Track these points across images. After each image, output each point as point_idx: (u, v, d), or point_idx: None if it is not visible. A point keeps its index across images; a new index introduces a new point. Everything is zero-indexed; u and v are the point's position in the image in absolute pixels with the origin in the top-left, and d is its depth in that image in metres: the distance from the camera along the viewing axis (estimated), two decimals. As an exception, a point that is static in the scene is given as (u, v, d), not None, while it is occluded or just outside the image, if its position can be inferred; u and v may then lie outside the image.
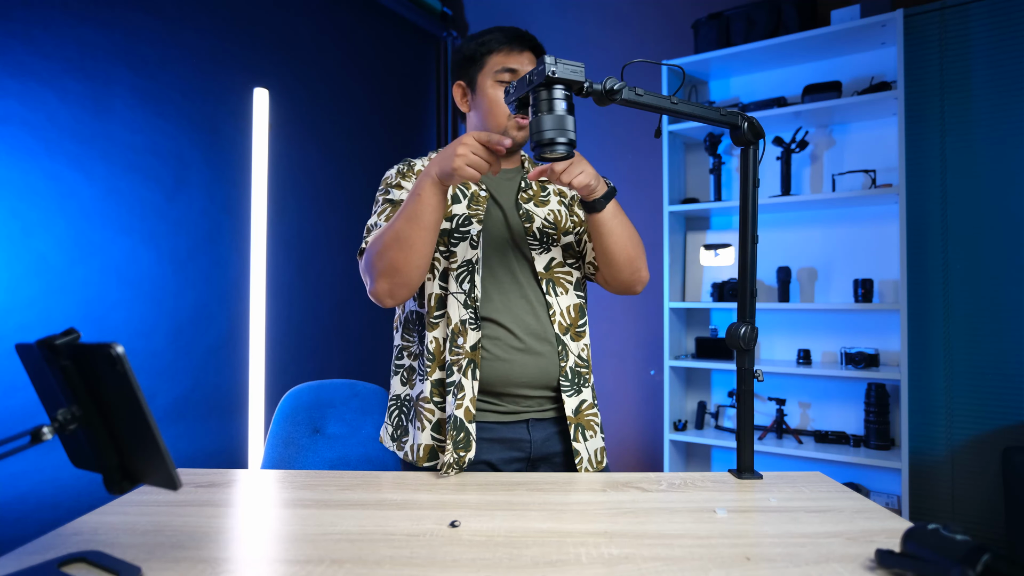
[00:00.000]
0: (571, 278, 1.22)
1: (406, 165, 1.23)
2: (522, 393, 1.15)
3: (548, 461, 1.19)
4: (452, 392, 1.09)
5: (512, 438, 1.16)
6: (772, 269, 2.56)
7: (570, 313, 1.20)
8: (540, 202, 1.25)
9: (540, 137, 0.93)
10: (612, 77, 0.96)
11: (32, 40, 1.72)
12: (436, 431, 1.13)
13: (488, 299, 1.15)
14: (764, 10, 2.48)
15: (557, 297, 1.19)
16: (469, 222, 1.16)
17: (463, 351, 1.10)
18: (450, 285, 1.14)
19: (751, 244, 1.06)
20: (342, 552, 0.72)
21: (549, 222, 1.22)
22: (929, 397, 2.34)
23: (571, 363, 1.18)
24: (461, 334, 1.11)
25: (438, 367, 1.13)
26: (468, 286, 1.13)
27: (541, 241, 1.20)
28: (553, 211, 1.24)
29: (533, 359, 1.14)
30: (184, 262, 2.08)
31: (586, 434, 1.18)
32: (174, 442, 2.02)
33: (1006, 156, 2.24)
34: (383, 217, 1.16)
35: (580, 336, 1.21)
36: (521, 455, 1.16)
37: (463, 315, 1.12)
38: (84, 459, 0.70)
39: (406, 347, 1.22)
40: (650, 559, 0.71)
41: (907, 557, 0.65)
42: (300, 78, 2.55)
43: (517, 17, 3.31)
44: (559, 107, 0.92)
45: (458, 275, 1.13)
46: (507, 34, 1.22)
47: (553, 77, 0.91)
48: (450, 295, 1.13)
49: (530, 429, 1.17)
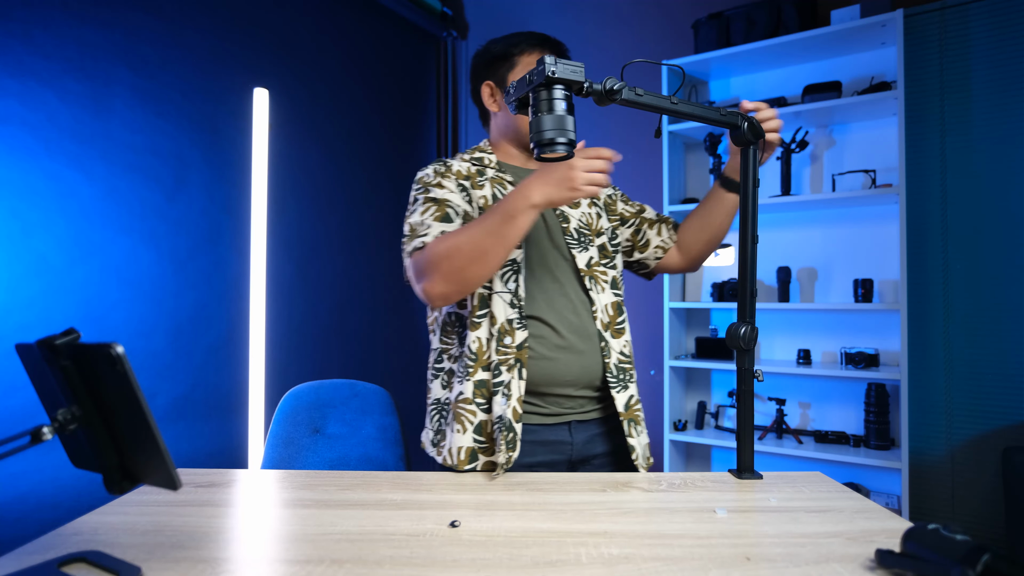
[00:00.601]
0: (607, 277, 1.24)
1: (443, 165, 1.22)
2: (566, 393, 1.16)
3: (588, 463, 1.20)
4: (501, 392, 1.09)
5: (554, 440, 1.16)
6: (772, 269, 2.56)
7: (609, 311, 1.21)
8: (573, 205, 1.27)
9: (540, 137, 0.93)
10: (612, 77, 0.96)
11: (32, 40, 1.72)
12: (478, 433, 1.11)
13: (531, 298, 1.16)
14: (764, 10, 2.48)
15: (598, 295, 1.21)
16: None
17: (511, 351, 1.11)
18: (495, 284, 1.14)
19: (751, 244, 1.06)
20: (342, 552, 0.72)
21: (583, 223, 1.25)
22: (929, 397, 2.34)
23: (614, 360, 1.19)
24: (508, 333, 1.11)
25: (481, 367, 1.12)
26: (514, 285, 1.14)
27: (579, 240, 1.23)
28: (585, 213, 1.27)
29: (576, 357, 1.15)
30: (184, 262, 2.07)
31: (637, 429, 1.19)
32: (174, 442, 2.02)
33: (1006, 156, 2.24)
34: (429, 216, 1.13)
35: (620, 333, 1.22)
36: (562, 458, 1.16)
37: (509, 314, 1.12)
38: (84, 459, 0.70)
39: (446, 349, 1.20)
40: (650, 559, 0.71)
41: (907, 557, 0.65)
42: (300, 78, 2.55)
43: (517, 17, 3.31)
44: (559, 107, 0.92)
45: (503, 274, 1.14)
46: (538, 37, 1.25)
47: (553, 77, 0.91)
48: (495, 294, 1.14)
49: (572, 431, 1.17)
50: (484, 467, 1.11)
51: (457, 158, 1.27)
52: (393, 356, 3.06)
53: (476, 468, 1.11)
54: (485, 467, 1.11)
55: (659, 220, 1.36)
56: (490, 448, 1.11)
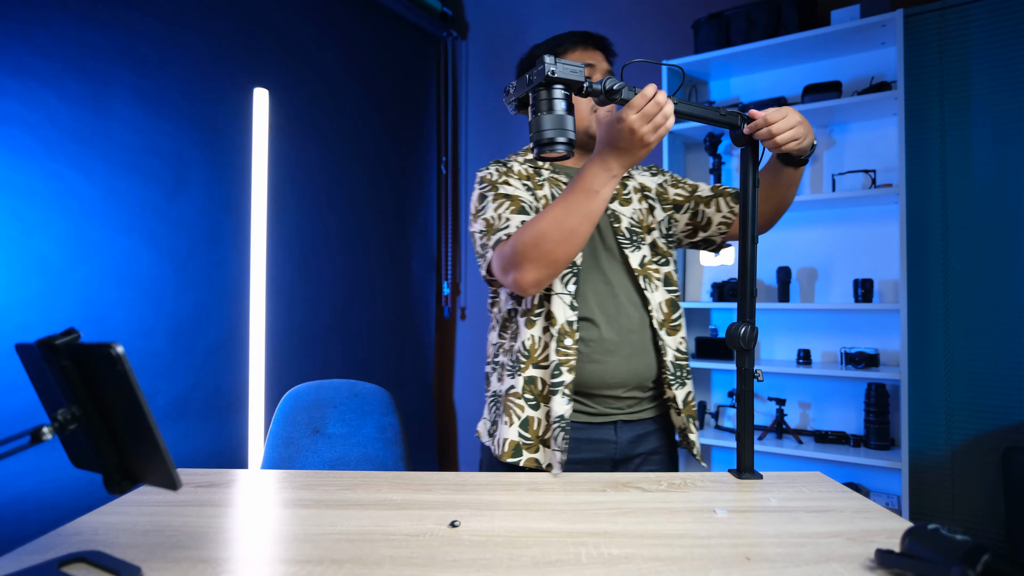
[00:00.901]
0: (660, 274, 1.24)
1: (503, 166, 1.24)
2: (613, 394, 1.17)
3: (630, 461, 1.21)
4: (561, 392, 1.11)
5: (598, 439, 1.17)
6: (772, 269, 2.56)
7: (663, 308, 1.22)
8: (624, 201, 1.27)
9: (540, 137, 0.93)
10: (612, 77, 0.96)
11: (32, 40, 1.72)
12: (523, 428, 1.14)
13: (584, 300, 1.17)
14: (764, 10, 2.48)
15: (652, 293, 1.21)
16: None
17: (571, 352, 1.13)
18: (555, 286, 1.15)
19: (751, 244, 1.06)
20: (342, 552, 0.72)
21: (635, 220, 1.25)
22: (929, 397, 2.34)
23: (671, 357, 1.20)
24: (568, 335, 1.13)
25: (532, 364, 1.15)
26: (573, 288, 1.16)
27: (631, 239, 1.23)
28: (637, 210, 1.27)
29: (624, 361, 1.16)
30: (184, 262, 2.07)
31: (695, 424, 1.22)
32: (174, 442, 2.02)
33: (1006, 156, 2.24)
34: (504, 210, 1.14)
35: (676, 330, 1.23)
36: (604, 456, 1.18)
37: (569, 316, 1.14)
38: (84, 459, 0.70)
39: (501, 344, 1.25)
40: (650, 559, 0.71)
41: (907, 557, 0.65)
42: (300, 78, 2.55)
43: (517, 17, 3.31)
44: (559, 107, 0.93)
45: (563, 276, 1.16)
46: (581, 34, 1.26)
47: (553, 77, 0.91)
48: (555, 295, 1.15)
49: (617, 430, 1.18)
50: (527, 463, 1.14)
51: (513, 160, 1.29)
52: (393, 356, 3.06)
53: (519, 464, 1.13)
54: (528, 464, 1.14)
55: (715, 194, 1.31)
56: (534, 446, 1.14)
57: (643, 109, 0.94)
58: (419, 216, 3.26)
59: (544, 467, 1.14)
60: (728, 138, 2.66)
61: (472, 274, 3.43)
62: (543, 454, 1.13)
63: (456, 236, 3.45)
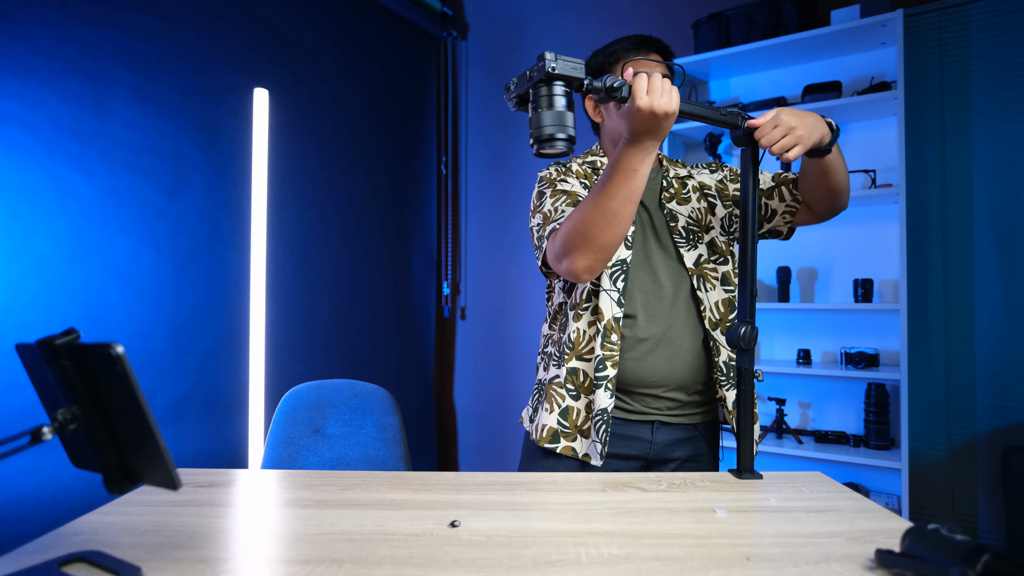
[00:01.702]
0: (717, 274, 1.24)
1: (562, 166, 1.27)
2: (652, 393, 1.18)
3: (665, 465, 1.21)
4: (605, 385, 1.13)
5: (633, 436, 1.18)
6: (772, 269, 2.56)
7: (719, 308, 1.22)
8: (682, 200, 1.27)
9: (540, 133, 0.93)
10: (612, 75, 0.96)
11: (32, 40, 1.72)
12: (563, 416, 1.18)
13: (631, 298, 1.18)
14: (764, 10, 2.48)
15: (707, 293, 1.21)
16: None
17: (616, 347, 1.14)
18: (603, 282, 1.17)
19: (751, 244, 1.06)
20: (342, 552, 0.72)
21: (693, 220, 1.25)
22: (929, 397, 2.34)
23: (723, 357, 1.19)
24: (615, 331, 1.15)
25: (576, 356, 1.18)
26: (622, 285, 1.17)
27: (687, 239, 1.23)
28: (695, 209, 1.26)
29: (665, 360, 1.17)
30: (184, 262, 2.07)
31: None
32: (174, 442, 2.02)
33: (1006, 156, 2.24)
34: (561, 203, 1.17)
35: None
36: (638, 454, 1.19)
37: (616, 312, 1.15)
38: (84, 459, 0.70)
39: (551, 336, 1.27)
40: (650, 559, 0.71)
41: (907, 557, 0.65)
42: (300, 78, 2.55)
43: (517, 17, 3.31)
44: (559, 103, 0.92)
45: (612, 273, 1.17)
46: (633, 41, 1.26)
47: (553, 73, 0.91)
48: (603, 291, 1.17)
49: (654, 431, 1.19)
50: (563, 451, 1.17)
51: (571, 160, 1.31)
52: (393, 356, 3.06)
53: (556, 450, 1.17)
54: (564, 451, 1.17)
55: (776, 184, 1.28)
56: (572, 434, 1.17)
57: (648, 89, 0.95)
58: (419, 216, 3.26)
59: (580, 457, 1.16)
60: (728, 138, 2.66)
61: (472, 274, 3.43)
62: (580, 443, 1.16)
63: (456, 236, 3.45)
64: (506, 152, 3.33)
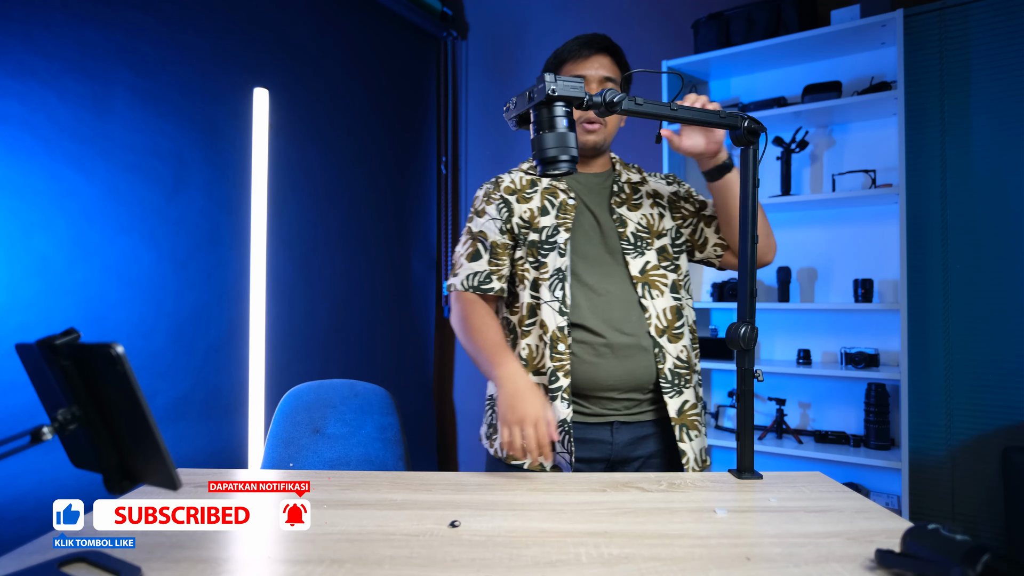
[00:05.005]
0: (666, 280, 1.23)
1: (493, 184, 1.28)
2: (608, 396, 1.17)
3: (629, 464, 1.20)
4: (560, 396, 1.13)
5: (594, 439, 1.18)
6: (772, 269, 2.56)
7: (666, 315, 1.21)
8: (633, 206, 1.27)
9: (543, 155, 0.94)
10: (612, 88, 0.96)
11: (32, 40, 1.72)
12: None
13: (576, 305, 1.18)
14: (764, 10, 2.48)
15: (653, 300, 1.20)
16: (557, 231, 1.20)
17: (565, 356, 1.14)
18: (542, 294, 1.17)
19: (751, 244, 1.06)
20: (342, 552, 0.72)
21: (642, 226, 1.25)
22: (929, 397, 2.34)
23: (669, 365, 1.19)
24: (561, 340, 1.15)
25: (531, 372, 1.18)
26: (561, 293, 1.17)
27: (635, 245, 1.22)
28: (646, 215, 1.26)
29: (620, 362, 1.16)
30: (184, 262, 2.07)
31: (691, 434, 1.20)
32: (174, 442, 2.02)
33: (1006, 156, 2.24)
34: (465, 250, 1.25)
35: (678, 338, 1.21)
36: (601, 455, 1.18)
37: (559, 322, 1.16)
38: (84, 459, 0.70)
39: None
40: (650, 559, 0.71)
41: (907, 557, 0.65)
42: (300, 78, 2.55)
43: (517, 17, 3.31)
44: (560, 124, 0.93)
45: (550, 284, 1.17)
46: (578, 41, 1.25)
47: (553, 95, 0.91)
48: (544, 304, 1.17)
49: (613, 431, 1.18)
50: (531, 466, 1.16)
51: (517, 169, 1.32)
52: (393, 356, 3.06)
53: (524, 467, 1.16)
54: (532, 467, 1.16)
55: (715, 216, 1.30)
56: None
57: (533, 442, 1.02)
58: (419, 216, 3.26)
59: (549, 470, 1.15)
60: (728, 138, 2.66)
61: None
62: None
63: (456, 236, 3.45)
64: (506, 152, 3.33)
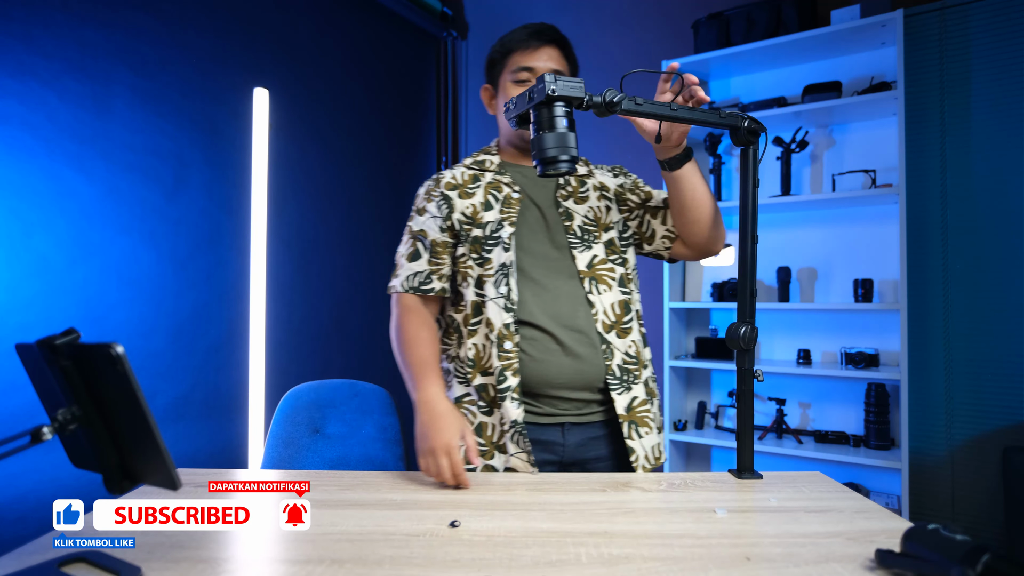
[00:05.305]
0: (614, 274, 1.20)
1: (435, 181, 1.25)
2: (559, 395, 1.14)
3: (581, 465, 1.17)
4: (509, 397, 1.10)
5: (544, 440, 1.14)
6: (772, 269, 2.56)
7: (614, 310, 1.18)
8: (579, 199, 1.23)
9: (543, 155, 0.94)
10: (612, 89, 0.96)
11: (32, 40, 1.72)
12: (477, 433, 1.14)
13: (524, 301, 1.14)
14: (764, 10, 2.48)
15: (600, 295, 1.17)
16: (501, 226, 1.17)
17: (512, 354, 1.11)
18: (487, 291, 1.14)
19: (751, 244, 1.06)
20: (342, 552, 0.72)
21: (589, 219, 1.21)
22: (929, 397, 2.34)
23: (618, 361, 1.16)
24: (508, 338, 1.11)
25: (480, 372, 1.14)
26: (506, 289, 1.13)
27: (582, 239, 1.19)
28: (593, 208, 1.23)
29: (571, 361, 1.13)
30: (184, 262, 2.07)
31: (640, 431, 1.16)
32: (174, 442, 2.02)
33: (1006, 156, 2.24)
34: (405, 250, 1.22)
35: (626, 332, 1.18)
36: (553, 457, 1.15)
37: (505, 319, 1.12)
38: (84, 459, 0.70)
39: (445, 349, 1.23)
40: (650, 559, 0.71)
41: (907, 557, 0.65)
42: (300, 78, 2.55)
43: (517, 17, 3.31)
44: (560, 124, 0.93)
45: (495, 280, 1.14)
46: (527, 31, 1.23)
47: (553, 95, 0.91)
48: (489, 301, 1.13)
49: (564, 433, 1.15)
50: (484, 470, 1.13)
51: (459, 164, 1.29)
52: (393, 356, 3.06)
53: (477, 470, 1.12)
54: (485, 469, 1.13)
55: (664, 206, 1.27)
56: (490, 452, 1.12)
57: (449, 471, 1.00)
58: (419, 216, 3.26)
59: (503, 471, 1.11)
60: (728, 138, 2.66)
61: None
62: (498, 459, 1.12)
63: (456, 236, 3.44)
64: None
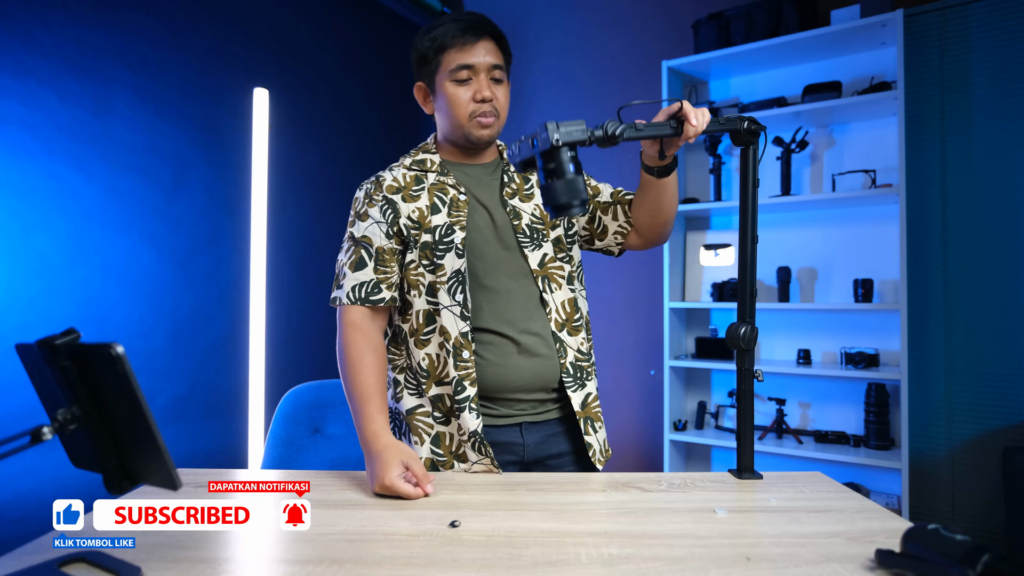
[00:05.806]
0: (563, 272, 1.19)
1: (375, 183, 1.18)
2: (516, 397, 1.14)
3: (542, 464, 1.17)
4: (468, 407, 1.08)
5: (504, 441, 1.14)
6: (772, 269, 2.56)
7: (565, 308, 1.17)
8: (525, 196, 1.21)
9: (556, 203, 0.94)
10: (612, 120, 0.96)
11: (32, 40, 1.72)
12: (435, 444, 1.12)
13: (478, 308, 1.12)
14: (764, 10, 2.48)
15: (552, 294, 1.16)
16: (452, 230, 1.12)
17: (470, 364, 1.09)
18: (441, 299, 1.11)
19: (751, 244, 1.06)
20: (342, 552, 0.72)
21: (536, 217, 1.19)
22: (929, 397, 2.34)
23: (570, 359, 1.15)
24: (465, 347, 1.09)
25: (435, 383, 1.12)
26: (461, 297, 1.10)
27: (532, 238, 1.17)
28: (539, 206, 1.21)
29: (528, 362, 1.12)
30: (184, 262, 2.07)
31: (595, 426, 1.17)
32: (174, 442, 2.02)
33: (1006, 156, 2.24)
34: (348, 259, 1.13)
35: (577, 330, 1.18)
36: (514, 458, 1.15)
37: (462, 327, 1.10)
38: (84, 459, 0.70)
39: (393, 360, 1.19)
40: (650, 559, 0.71)
41: (907, 557, 0.65)
42: (300, 78, 2.55)
43: (517, 17, 3.31)
44: (568, 172, 0.93)
45: (449, 288, 1.11)
46: (459, 25, 1.13)
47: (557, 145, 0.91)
48: (444, 309, 1.10)
49: (523, 432, 1.15)
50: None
51: (399, 164, 1.22)
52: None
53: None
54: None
55: (614, 201, 1.25)
56: (448, 461, 1.11)
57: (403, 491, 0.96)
58: (419, 216, 3.26)
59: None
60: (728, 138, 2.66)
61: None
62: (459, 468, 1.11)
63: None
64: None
